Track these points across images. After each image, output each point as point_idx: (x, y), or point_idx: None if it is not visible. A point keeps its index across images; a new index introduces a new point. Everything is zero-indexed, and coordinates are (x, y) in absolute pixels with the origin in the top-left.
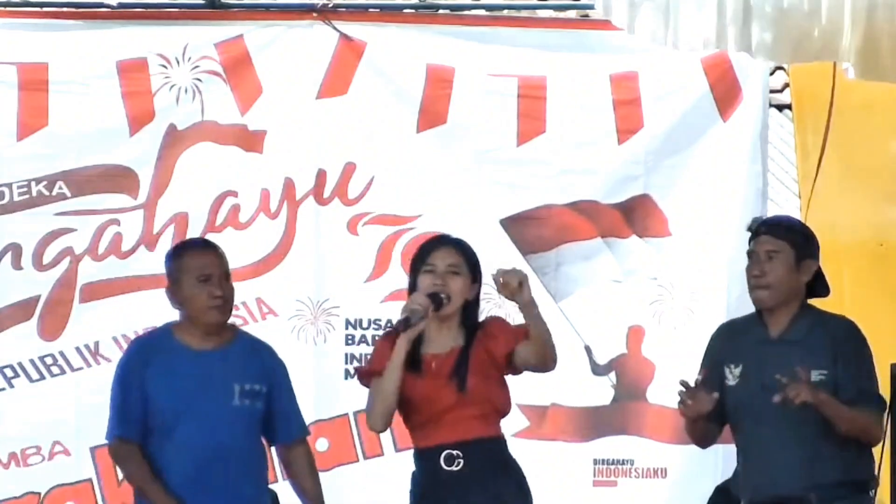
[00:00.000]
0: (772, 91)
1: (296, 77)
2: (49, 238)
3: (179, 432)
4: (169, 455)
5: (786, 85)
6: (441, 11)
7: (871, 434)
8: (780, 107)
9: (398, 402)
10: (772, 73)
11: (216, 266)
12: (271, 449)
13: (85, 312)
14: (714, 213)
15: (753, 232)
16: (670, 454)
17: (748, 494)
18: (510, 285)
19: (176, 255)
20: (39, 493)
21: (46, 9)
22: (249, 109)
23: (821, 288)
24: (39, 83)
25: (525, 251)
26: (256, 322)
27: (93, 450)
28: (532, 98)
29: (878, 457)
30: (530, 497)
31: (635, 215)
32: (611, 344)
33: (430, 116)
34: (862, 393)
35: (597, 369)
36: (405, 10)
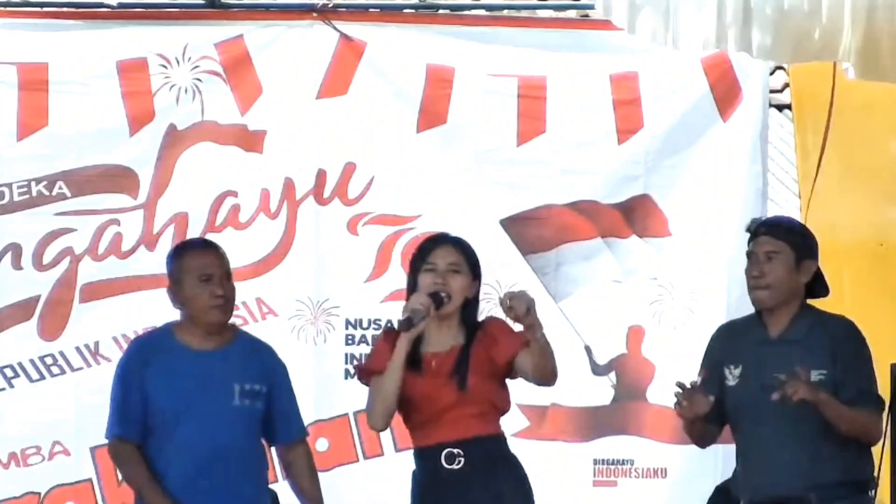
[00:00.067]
0: (772, 91)
1: (296, 77)
2: (49, 238)
3: (179, 432)
4: (169, 455)
5: (786, 85)
6: (441, 11)
7: (871, 434)
8: (780, 107)
9: (398, 401)
10: (772, 73)
11: (217, 266)
12: (271, 449)
13: (85, 312)
14: (714, 213)
15: (752, 233)
16: (670, 454)
17: (748, 494)
18: (517, 310)
19: (177, 255)
20: (39, 494)
21: (46, 9)
22: (249, 109)
23: (820, 288)
24: (39, 83)
25: (525, 251)
26: (256, 322)
27: (93, 450)
28: (532, 98)
29: (878, 457)
30: (531, 494)
31: (635, 215)
32: (611, 344)
33: (430, 116)
34: (861, 393)
35: (597, 369)
36: (405, 10)
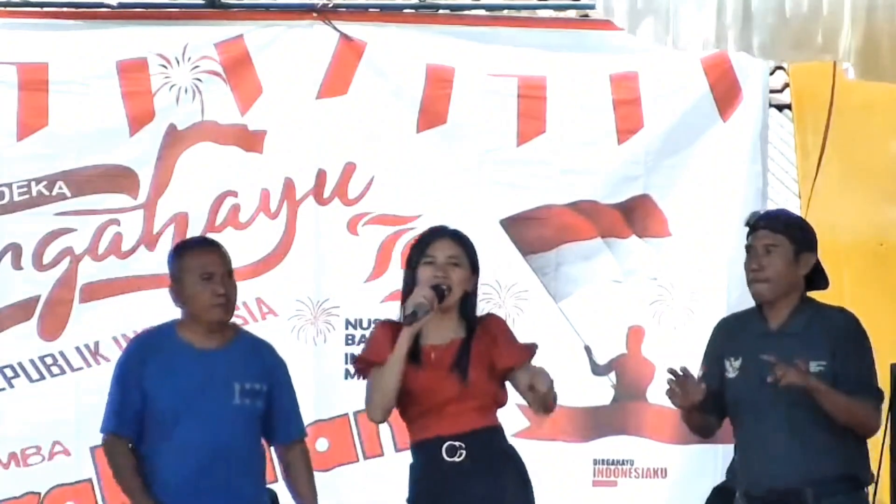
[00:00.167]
0: (772, 91)
1: (296, 77)
2: (49, 238)
3: (179, 431)
4: (169, 454)
5: (786, 85)
6: (441, 11)
7: (869, 424)
8: (780, 107)
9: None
10: (772, 73)
11: (219, 264)
12: (270, 448)
13: (85, 312)
14: (714, 213)
15: (751, 226)
16: (670, 454)
17: (744, 486)
18: (539, 390)
19: (178, 254)
20: (39, 493)
21: (46, 9)
22: (249, 109)
23: (820, 280)
24: (39, 83)
25: (525, 251)
26: (256, 322)
27: (93, 450)
28: (532, 98)
29: (878, 455)
30: (530, 486)
31: (635, 215)
32: (611, 344)
33: (430, 116)
34: (860, 383)
35: (597, 369)
36: (405, 10)
